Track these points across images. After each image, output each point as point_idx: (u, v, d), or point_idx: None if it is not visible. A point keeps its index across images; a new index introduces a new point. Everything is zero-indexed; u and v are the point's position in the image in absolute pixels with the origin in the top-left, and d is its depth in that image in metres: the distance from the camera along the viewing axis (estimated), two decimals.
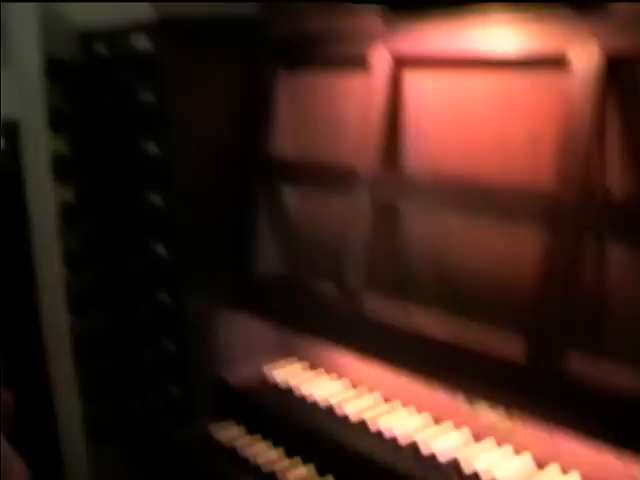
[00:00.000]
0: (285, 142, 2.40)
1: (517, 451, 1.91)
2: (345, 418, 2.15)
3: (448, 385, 1.84)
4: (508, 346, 1.67)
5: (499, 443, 1.94)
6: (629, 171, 1.58)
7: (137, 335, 2.69)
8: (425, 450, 1.95)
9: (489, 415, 1.93)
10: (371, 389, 2.27)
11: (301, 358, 2.50)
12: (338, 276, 2.08)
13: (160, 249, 2.51)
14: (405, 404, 2.17)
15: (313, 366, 2.46)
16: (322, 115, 2.30)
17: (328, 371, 2.41)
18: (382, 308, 1.98)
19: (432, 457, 1.93)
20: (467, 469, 1.86)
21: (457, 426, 2.03)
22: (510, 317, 1.72)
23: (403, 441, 2.00)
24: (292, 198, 2.39)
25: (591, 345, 1.59)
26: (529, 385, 1.61)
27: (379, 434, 2.06)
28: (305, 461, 2.15)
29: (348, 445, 2.05)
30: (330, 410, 2.20)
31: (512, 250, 1.78)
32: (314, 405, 2.24)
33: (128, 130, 2.53)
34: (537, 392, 1.60)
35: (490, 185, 1.80)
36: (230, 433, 2.32)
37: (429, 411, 2.10)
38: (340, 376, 2.37)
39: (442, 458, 1.91)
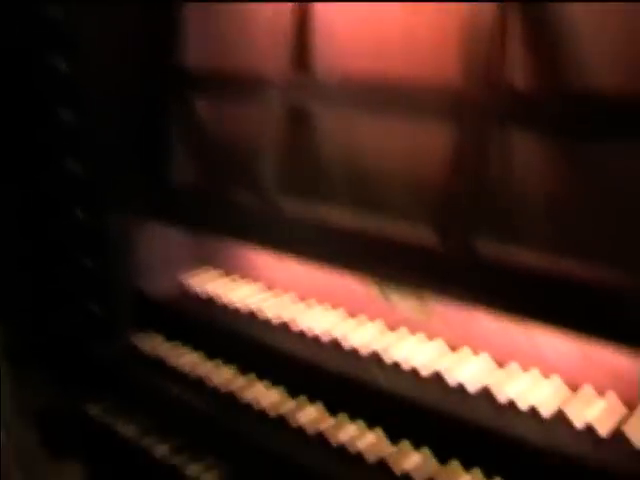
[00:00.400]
0: (195, 52, 2.38)
1: (430, 338, 2.02)
2: (264, 319, 2.22)
3: (364, 274, 1.92)
4: (420, 235, 1.75)
5: (413, 332, 2.05)
6: (531, 63, 1.64)
7: (55, 253, 2.66)
8: (346, 344, 2.03)
9: (402, 304, 2.02)
10: (286, 290, 2.34)
11: (217, 266, 2.55)
12: (253, 181, 2.11)
13: (74, 166, 2.48)
14: (320, 302, 2.25)
15: (229, 273, 2.51)
16: (231, 21, 2.29)
17: (243, 276, 2.46)
18: (297, 208, 2.03)
19: (354, 351, 2.02)
20: (386, 359, 1.96)
21: (372, 319, 2.12)
22: (421, 208, 1.79)
23: (324, 338, 2.08)
24: (205, 107, 2.39)
25: (498, 230, 1.67)
26: (440, 269, 1.69)
27: (298, 331, 2.14)
28: (227, 363, 2.20)
29: (268, 345, 2.12)
30: (248, 312, 2.27)
31: (421, 145, 1.84)
32: (232, 309, 2.31)
33: (34, 46, 2.46)
34: (448, 275, 1.69)
35: (398, 82, 1.84)
36: (153, 343, 2.36)
37: (344, 306, 2.19)
38: (255, 280, 2.43)
39: (363, 350, 2.00)
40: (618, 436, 1.63)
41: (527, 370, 1.85)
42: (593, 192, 1.55)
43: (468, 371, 1.86)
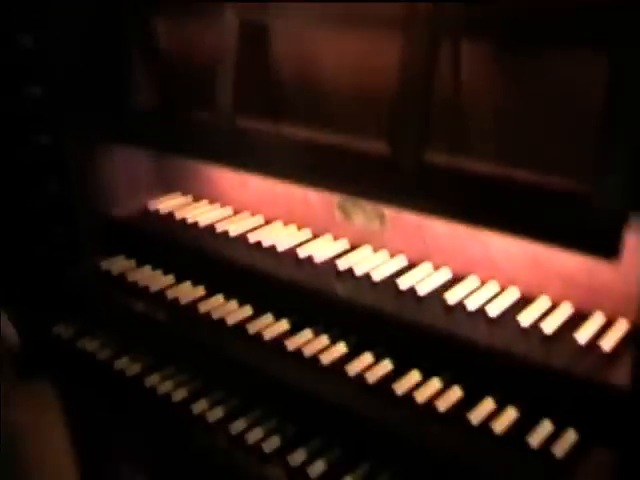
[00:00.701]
0: None
1: (392, 255, 2.06)
2: (226, 237, 2.26)
3: (321, 188, 1.95)
4: (372, 146, 1.78)
5: (375, 249, 2.09)
6: None
7: (20, 178, 2.66)
8: (302, 254, 2.07)
9: (362, 219, 2.06)
10: (253, 213, 2.36)
11: (185, 192, 2.57)
12: (212, 100, 2.12)
13: (36, 90, 2.46)
14: (286, 224, 2.28)
15: (197, 198, 2.53)
16: None
17: (210, 201, 2.48)
18: (255, 125, 2.04)
19: (309, 259, 2.06)
20: (342, 266, 2.00)
21: (336, 238, 2.16)
22: (374, 120, 1.81)
23: (285, 253, 2.13)
24: (164, 28, 2.38)
25: (449, 140, 1.70)
26: (392, 180, 1.73)
27: (261, 248, 2.17)
28: (191, 279, 2.24)
29: (234, 260, 2.16)
30: (213, 232, 2.29)
31: (373, 57, 1.85)
32: (196, 230, 2.33)
33: None
34: (400, 185, 1.72)
35: None
36: (119, 265, 2.38)
37: (309, 228, 2.22)
38: (223, 205, 2.45)
39: (318, 259, 2.04)
40: (563, 335, 1.69)
41: (485, 282, 1.90)
42: (539, 101, 1.57)
43: (426, 283, 1.91)
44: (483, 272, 1.90)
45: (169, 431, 2.02)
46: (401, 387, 1.73)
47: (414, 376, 1.77)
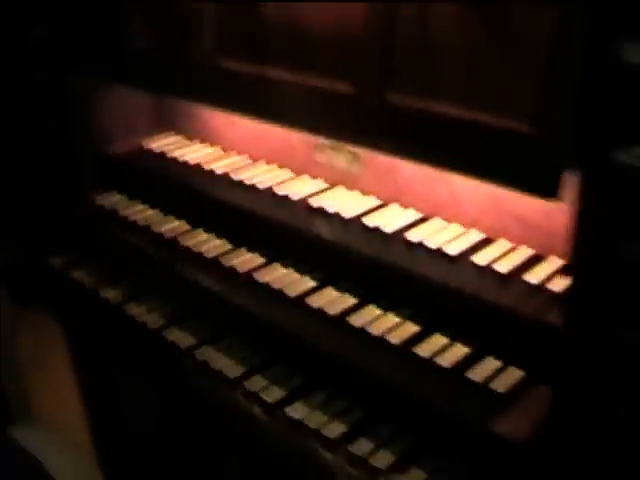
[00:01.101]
0: None
1: (364, 195, 2.12)
2: (213, 175, 2.33)
3: (297, 129, 2.02)
4: (338, 85, 1.84)
5: (349, 189, 2.15)
6: None
7: (18, 116, 2.74)
8: (279, 192, 2.14)
9: (338, 161, 2.12)
10: (239, 152, 2.44)
11: (178, 131, 2.64)
12: (197, 40, 2.17)
13: (37, 29, 2.53)
14: (268, 163, 2.35)
15: (189, 137, 2.61)
16: None
17: (201, 140, 2.56)
18: (240, 65, 2.10)
19: (285, 197, 2.13)
20: (315, 204, 2.07)
21: (313, 178, 2.22)
22: (339, 59, 1.85)
23: (263, 190, 2.20)
24: None
25: (414, 81, 1.74)
26: (358, 117, 1.78)
27: (243, 185, 2.25)
28: (180, 215, 2.32)
29: (215, 197, 2.24)
30: (200, 170, 2.37)
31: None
32: (186, 168, 2.41)
33: None
34: (368, 125, 1.78)
35: None
36: (113, 201, 2.47)
37: (289, 167, 2.29)
38: (213, 144, 2.52)
39: (294, 197, 2.11)
40: (517, 276, 1.74)
41: (450, 223, 1.95)
42: (500, 44, 1.60)
43: (393, 222, 1.96)
44: (448, 214, 1.95)
45: (150, 354, 2.12)
46: (358, 320, 1.80)
47: (373, 311, 1.83)
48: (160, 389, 2.23)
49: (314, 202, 2.08)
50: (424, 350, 1.70)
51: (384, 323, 1.79)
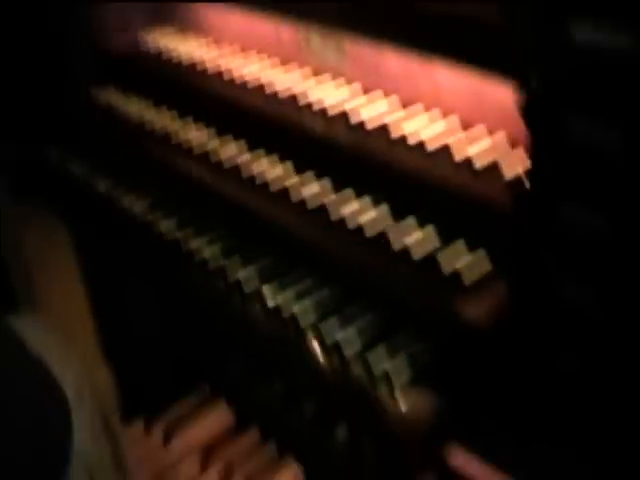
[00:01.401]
0: None
1: (348, 82, 2.10)
2: (204, 68, 2.33)
3: (288, 19, 2.04)
4: None
5: (334, 77, 2.13)
6: None
7: (16, 12, 2.74)
8: (268, 88, 2.14)
9: (323, 50, 2.10)
10: (231, 43, 2.43)
11: (173, 24, 2.64)
12: None
13: None
14: (259, 53, 2.34)
15: (183, 30, 2.62)
16: None
17: (196, 33, 2.56)
18: None
19: (274, 94, 2.12)
20: (302, 101, 2.06)
21: (301, 66, 2.21)
22: None
23: (251, 82, 2.20)
24: None
25: None
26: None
27: (231, 77, 2.25)
28: (171, 108, 2.35)
29: (205, 90, 2.26)
30: (192, 63, 2.38)
31: None
32: (179, 61, 2.42)
33: None
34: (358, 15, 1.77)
35: None
36: (109, 95, 2.49)
37: (278, 56, 2.28)
38: (206, 35, 2.52)
39: (283, 94, 2.11)
40: (494, 170, 1.72)
41: (429, 110, 1.93)
42: None
43: (373, 110, 1.95)
44: (428, 101, 1.93)
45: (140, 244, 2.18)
46: (336, 211, 1.81)
47: (352, 204, 1.84)
48: (155, 279, 2.30)
49: (299, 92, 2.06)
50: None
51: (362, 216, 1.79)
